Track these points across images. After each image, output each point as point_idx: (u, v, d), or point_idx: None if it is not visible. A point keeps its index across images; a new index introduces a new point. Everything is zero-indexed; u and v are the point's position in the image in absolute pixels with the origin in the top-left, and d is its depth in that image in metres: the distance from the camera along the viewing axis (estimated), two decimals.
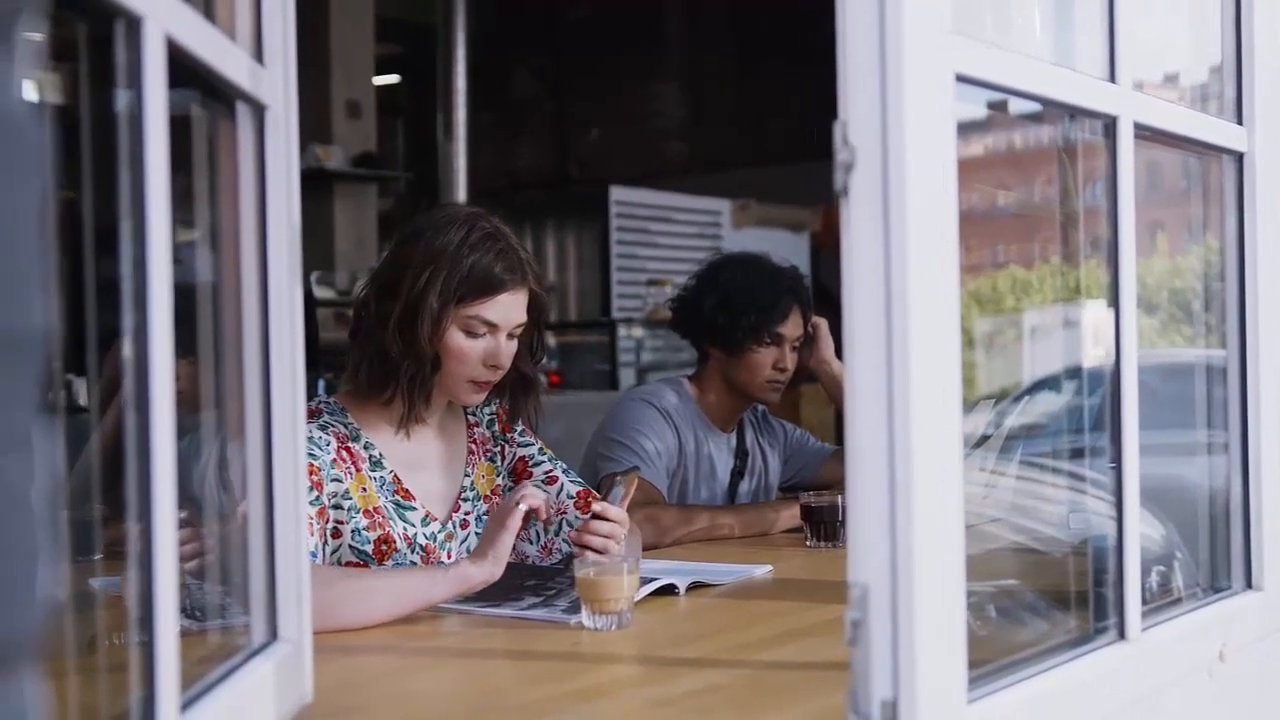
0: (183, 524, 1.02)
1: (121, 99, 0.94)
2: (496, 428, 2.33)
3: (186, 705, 1.04)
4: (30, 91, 0.54)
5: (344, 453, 2.11)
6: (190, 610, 1.23)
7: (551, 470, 2.32)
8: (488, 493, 2.29)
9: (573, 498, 2.28)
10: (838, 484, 2.90)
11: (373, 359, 2.13)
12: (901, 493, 1.10)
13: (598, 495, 2.33)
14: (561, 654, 1.70)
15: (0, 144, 0.51)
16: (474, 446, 2.30)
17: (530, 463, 2.33)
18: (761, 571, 2.26)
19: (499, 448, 2.33)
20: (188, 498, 1.04)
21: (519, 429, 2.35)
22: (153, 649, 0.96)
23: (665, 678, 1.60)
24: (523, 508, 1.91)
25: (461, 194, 8.17)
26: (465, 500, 2.26)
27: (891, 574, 1.11)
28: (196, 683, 1.12)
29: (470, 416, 2.32)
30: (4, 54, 0.52)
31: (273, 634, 1.31)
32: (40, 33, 0.58)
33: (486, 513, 2.26)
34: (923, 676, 1.10)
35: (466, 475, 2.27)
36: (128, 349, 0.95)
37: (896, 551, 1.10)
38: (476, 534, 2.24)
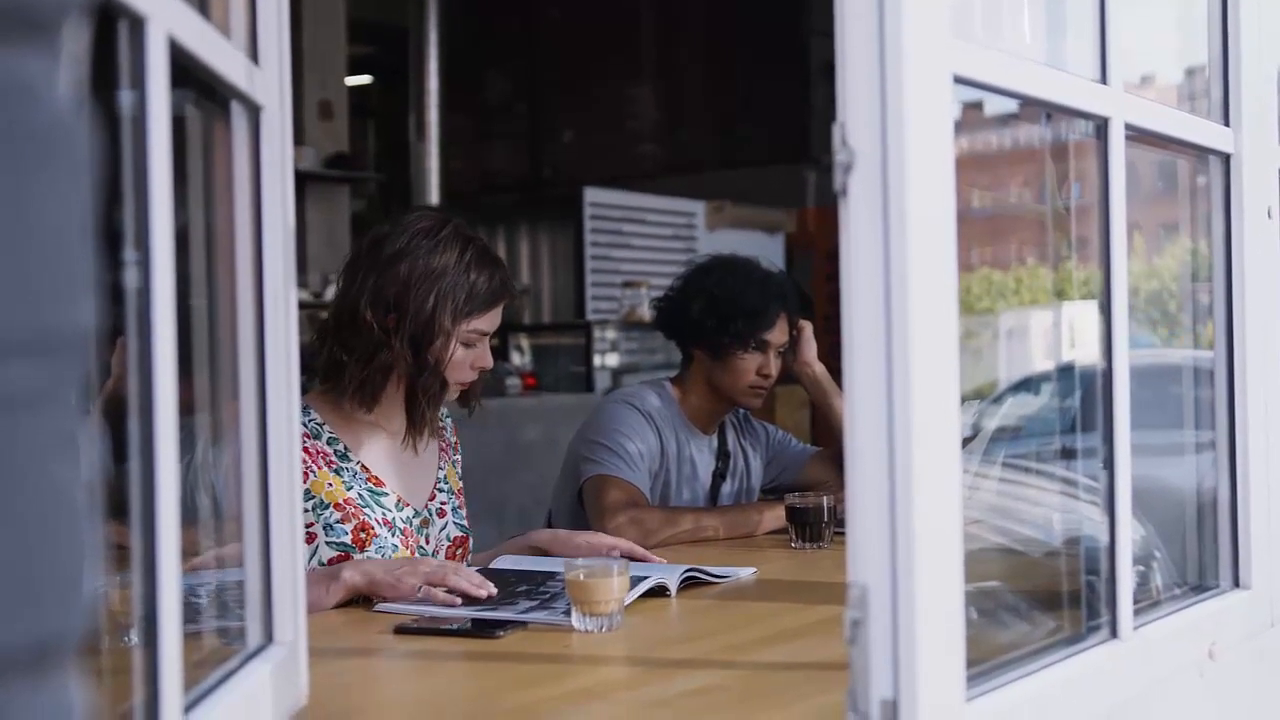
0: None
1: (124, 98, 0.94)
2: (454, 439, 2.42)
3: (187, 709, 1.03)
4: (76, 91, 0.53)
5: (303, 451, 2.11)
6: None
7: (459, 504, 2.38)
8: (458, 489, 2.37)
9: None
10: (819, 485, 2.91)
11: (378, 372, 2.16)
12: (901, 493, 1.10)
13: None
14: (553, 656, 1.69)
15: (51, 146, 0.51)
16: (443, 445, 2.37)
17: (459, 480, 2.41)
18: (747, 574, 2.26)
19: (457, 455, 2.42)
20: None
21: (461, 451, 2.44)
22: (156, 654, 0.95)
23: (659, 679, 1.60)
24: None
25: (434, 196, 8.15)
26: (440, 490, 2.32)
27: (892, 574, 1.11)
28: (194, 686, 1.11)
29: None
30: (50, 55, 0.52)
31: (269, 637, 1.31)
32: (84, 33, 0.57)
33: (458, 507, 2.33)
34: (923, 675, 1.10)
35: (440, 469, 2.33)
36: (131, 349, 0.94)
37: (897, 551, 1.10)
38: (455, 523, 2.32)
